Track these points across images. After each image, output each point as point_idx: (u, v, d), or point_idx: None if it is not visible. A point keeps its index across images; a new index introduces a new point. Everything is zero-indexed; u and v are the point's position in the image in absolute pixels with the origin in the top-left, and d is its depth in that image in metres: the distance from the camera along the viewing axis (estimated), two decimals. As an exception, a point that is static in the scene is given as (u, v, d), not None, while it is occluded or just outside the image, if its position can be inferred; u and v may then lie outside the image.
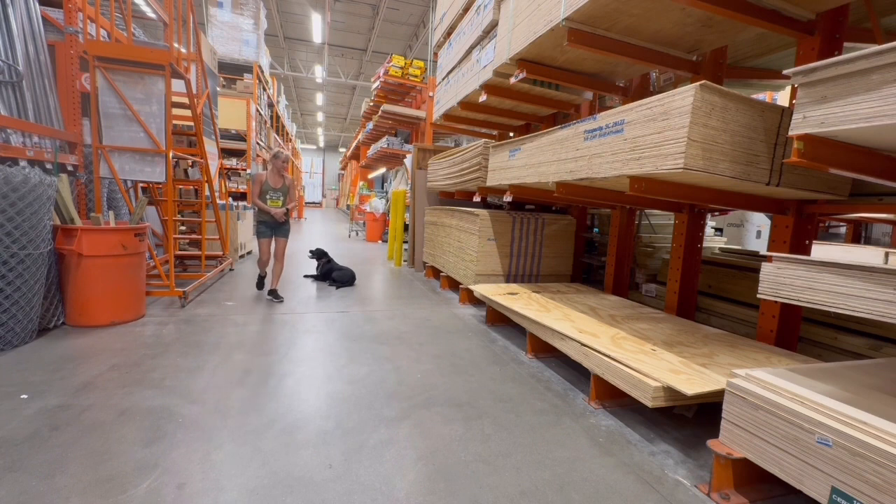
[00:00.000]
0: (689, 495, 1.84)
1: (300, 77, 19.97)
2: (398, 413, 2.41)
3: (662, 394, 2.10)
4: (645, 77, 3.98)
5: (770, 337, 2.79)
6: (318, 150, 40.51)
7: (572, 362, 3.23)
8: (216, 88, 6.87)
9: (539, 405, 2.60)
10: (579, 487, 1.86)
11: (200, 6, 12.62)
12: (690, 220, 3.46)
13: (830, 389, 1.69)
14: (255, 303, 4.62)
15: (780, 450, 1.63)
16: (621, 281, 4.50)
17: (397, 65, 10.35)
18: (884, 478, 1.32)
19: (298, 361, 3.09)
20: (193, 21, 5.16)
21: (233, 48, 10.18)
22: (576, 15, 2.72)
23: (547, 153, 3.24)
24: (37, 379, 2.58)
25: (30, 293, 3.06)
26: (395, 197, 8.12)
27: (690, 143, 2.05)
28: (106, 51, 3.89)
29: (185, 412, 2.30)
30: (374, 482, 1.82)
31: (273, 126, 14.52)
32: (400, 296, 5.37)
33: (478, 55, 4.39)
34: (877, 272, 1.50)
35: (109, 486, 1.71)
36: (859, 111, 1.53)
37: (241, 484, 1.76)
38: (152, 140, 4.11)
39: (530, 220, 4.89)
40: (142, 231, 3.80)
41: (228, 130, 10.02)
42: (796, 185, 2.34)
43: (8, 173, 2.87)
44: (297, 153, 25.77)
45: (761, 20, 2.45)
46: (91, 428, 2.10)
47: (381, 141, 12.77)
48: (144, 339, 3.35)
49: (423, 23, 15.19)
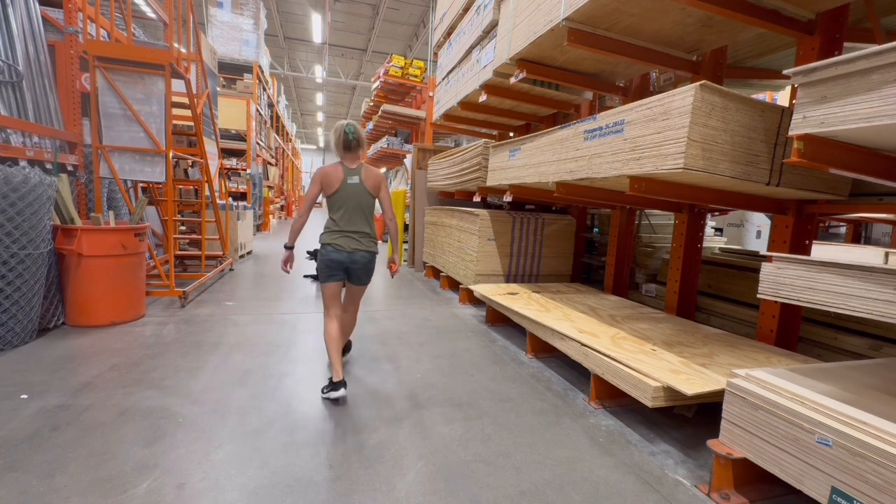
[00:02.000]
0: (689, 495, 1.84)
1: (300, 77, 19.99)
2: (398, 413, 2.41)
3: (662, 394, 2.10)
4: (645, 77, 3.98)
5: (770, 337, 2.79)
6: (318, 150, 40.52)
7: (572, 362, 3.23)
8: (216, 88, 6.87)
9: (539, 405, 2.60)
10: (579, 487, 1.86)
11: (200, 6, 12.62)
12: (690, 220, 3.46)
13: (830, 389, 1.69)
14: (255, 303, 4.62)
15: (780, 450, 1.62)
16: (621, 281, 4.50)
17: (397, 65, 10.35)
18: (884, 478, 1.32)
19: (298, 361, 3.09)
20: (193, 21, 5.16)
21: (233, 48, 10.19)
22: (576, 15, 2.72)
23: (547, 153, 3.24)
24: (37, 379, 2.58)
25: (30, 293, 3.06)
26: (395, 197, 8.13)
27: (690, 143, 2.05)
28: (106, 51, 3.89)
29: (185, 412, 2.29)
30: (374, 482, 1.82)
31: (273, 126, 14.53)
32: (400, 296, 5.37)
33: (478, 55, 4.39)
34: (877, 272, 1.50)
35: (109, 486, 1.71)
36: (859, 111, 1.53)
37: (241, 484, 1.76)
38: (152, 140, 4.11)
39: (530, 220, 4.89)
40: (142, 231, 3.80)
41: (228, 130, 10.02)
42: (796, 185, 2.34)
43: (8, 173, 2.87)
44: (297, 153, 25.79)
45: (761, 20, 2.45)
46: (91, 428, 2.10)
47: (381, 141, 12.76)
48: (144, 339, 3.35)
49: (423, 23, 15.18)
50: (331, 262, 2.62)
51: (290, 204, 20.32)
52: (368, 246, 2.68)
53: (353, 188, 2.64)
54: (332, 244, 2.62)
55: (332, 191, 2.62)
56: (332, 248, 2.61)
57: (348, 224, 2.64)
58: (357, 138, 2.65)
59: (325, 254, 2.63)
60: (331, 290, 2.67)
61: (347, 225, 2.64)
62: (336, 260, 2.61)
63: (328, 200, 2.68)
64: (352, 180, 2.64)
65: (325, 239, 2.65)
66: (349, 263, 2.64)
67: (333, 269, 2.64)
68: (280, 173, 17.50)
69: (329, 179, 2.62)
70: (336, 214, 2.65)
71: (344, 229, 2.64)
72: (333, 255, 2.61)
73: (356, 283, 2.74)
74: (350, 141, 2.64)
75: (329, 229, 2.67)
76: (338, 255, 2.61)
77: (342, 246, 2.61)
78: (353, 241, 2.64)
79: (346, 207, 2.64)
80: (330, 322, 2.66)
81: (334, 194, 2.63)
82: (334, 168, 2.65)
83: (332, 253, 2.61)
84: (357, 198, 2.65)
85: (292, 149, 22.79)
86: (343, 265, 2.63)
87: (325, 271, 2.65)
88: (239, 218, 7.05)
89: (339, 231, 2.63)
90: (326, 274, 2.65)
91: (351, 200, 2.64)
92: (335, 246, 2.61)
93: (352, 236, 2.64)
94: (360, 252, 2.64)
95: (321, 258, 2.65)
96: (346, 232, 2.64)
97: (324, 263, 2.64)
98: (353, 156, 2.69)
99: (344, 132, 2.63)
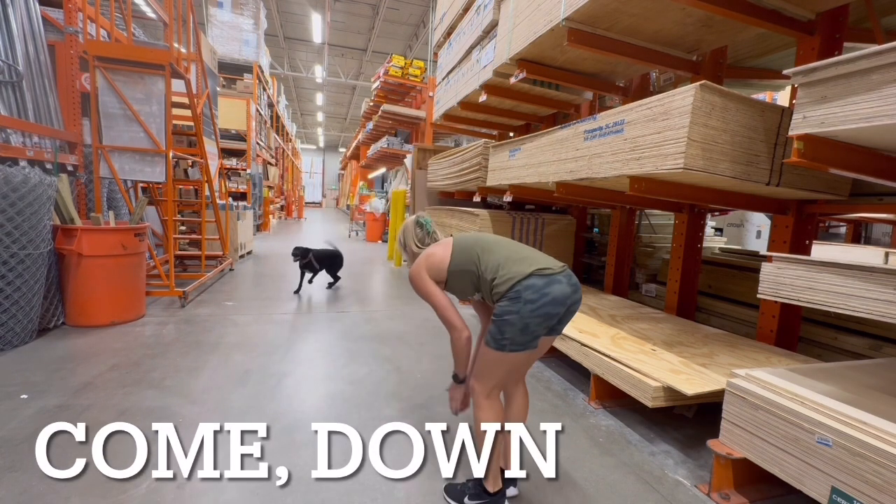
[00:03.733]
0: (690, 495, 1.84)
1: (300, 77, 19.98)
2: (398, 413, 2.41)
3: (662, 394, 2.10)
4: (645, 77, 3.98)
5: (770, 337, 2.79)
6: (318, 150, 40.51)
7: (572, 362, 3.22)
8: (216, 88, 6.87)
9: (539, 405, 2.60)
10: (579, 487, 1.86)
11: (200, 6, 12.60)
12: (690, 220, 3.46)
13: (830, 389, 1.69)
14: (255, 303, 4.62)
15: (780, 450, 1.62)
16: (621, 281, 4.49)
17: (397, 65, 10.35)
18: (884, 478, 1.32)
19: (298, 361, 3.09)
20: (193, 21, 5.16)
21: (233, 48, 10.19)
22: (576, 15, 2.72)
23: (547, 153, 3.23)
24: (37, 379, 2.58)
25: (30, 293, 3.06)
26: (395, 197, 8.13)
27: (690, 143, 2.05)
28: (106, 51, 3.89)
29: (185, 412, 2.29)
30: (374, 482, 1.82)
31: (273, 126, 14.53)
32: (400, 296, 5.37)
33: (478, 55, 4.39)
34: (877, 272, 1.50)
35: (109, 486, 1.71)
36: (859, 111, 1.53)
37: (241, 484, 1.76)
38: (152, 140, 4.10)
39: (530, 220, 4.89)
40: (142, 231, 3.80)
41: (228, 130, 10.02)
42: (796, 185, 2.34)
43: (8, 173, 2.87)
44: (297, 153, 25.79)
45: (761, 20, 2.45)
46: (90, 428, 2.09)
47: (381, 141, 12.76)
48: (144, 339, 3.34)
49: (423, 23, 15.18)
50: (550, 307, 1.59)
51: (289, 204, 20.31)
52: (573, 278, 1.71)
53: (481, 238, 1.88)
54: (540, 275, 1.61)
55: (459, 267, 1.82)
56: (544, 281, 1.60)
57: (526, 263, 1.66)
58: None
59: (537, 296, 1.57)
60: (522, 360, 1.74)
61: (527, 263, 1.65)
62: (559, 299, 1.61)
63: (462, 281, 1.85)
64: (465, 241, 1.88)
65: (517, 274, 1.61)
66: (571, 304, 1.68)
67: (547, 320, 1.61)
68: (280, 173, 17.50)
69: (441, 262, 1.85)
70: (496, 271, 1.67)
71: (533, 267, 1.62)
72: (556, 288, 1.60)
73: (558, 331, 1.74)
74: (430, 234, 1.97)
75: (509, 275, 1.63)
76: (560, 287, 1.61)
77: (557, 276, 1.64)
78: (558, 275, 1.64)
79: (503, 253, 1.73)
80: (496, 403, 1.74)
81: (461, 269, 1.81)
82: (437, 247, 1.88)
83: (550, 286, 1.60)
84: (499, 241, 1.85)
85: (292, 149, 22.77)
86: (566, 306, 1.65)
87: (531, 330, 1.59)
88: (239, 218, 7.05)
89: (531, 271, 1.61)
90: (533, 334, 1.61)
91: (499, 245, 1.81)
92: (546, 275, 1.62)
93: (550, 272, 1.63)
94: (574, 281, 1.70)
95: (527, 310, 1.56)
96: (539, 270, 1.61)
97: (534, 316, 1.57)
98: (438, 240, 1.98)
99: (419, 225, 1.98)
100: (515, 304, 1.57)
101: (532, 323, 1.57)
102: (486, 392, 1.71)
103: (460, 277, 1.80)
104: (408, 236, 1.99)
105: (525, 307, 1.55)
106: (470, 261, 1.75)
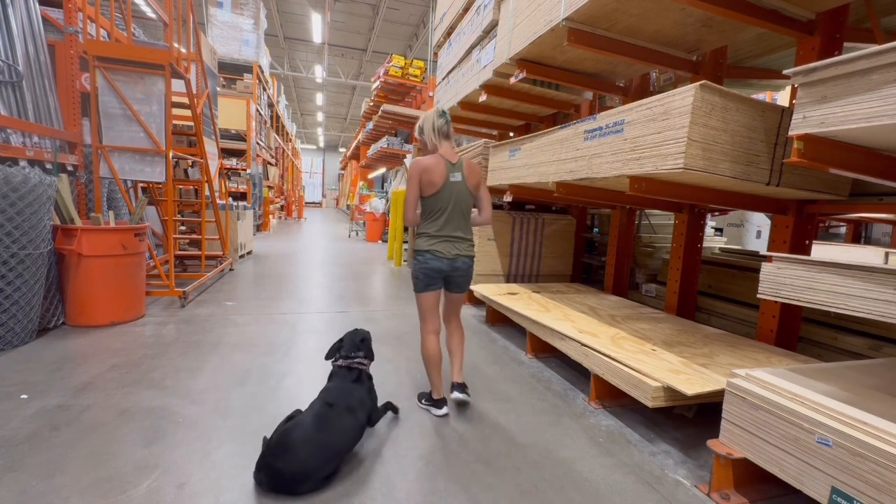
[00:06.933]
0: (690, 495, 1.84)
1: (300, 77, 19.98)
2: (398, 413, 2.41)
3: (662, 394, 2.10)
4: (645, 77, 3.98)
5: (770, 337, 2.79)
6: (318, 150, 40.52)
7: (572, 362, 3.23)
8: (216, 88, 6.87)
9: (539, 405, 2.60)
10: (579, 487, 1.86)
11: (200, 6, 12.61)
12: (690, 220, 3.46)
13: (830, 389, 1.69)
14: (255, 303, 4.62)
15: (779, 450, 1.62)
16: (621, 281, 4.50)
17: (397, 65, 10.35)
18: (884, 478, 1.32)
19: (298, 361, 3.09)
20: (193, 21, 5.16)
21: (233, 48, 10.18)
22: (576, 15, 2.72)
23: (547, 153, 3.24)
24: (37, 379, 2.58)
25: (30, 293, 3.06)
26: (395, 197, 8.13)
27: (690, 143, 2.05)
28: (106, 51, 3.89)
29: (185, 412, 2.29)
30: (374, 482, 1.82)
31: (273, 126, 14.53)
32: (400, 296, 5.37)
33: (478, 55, 4.39)
34: (877, 272, 1.50)
35: (109, 486, 1.71)
36: (859, 111, 1.53)
37: (241, 484, 1.76)
38: (152, 140, 4.11)
39: (530, 219, 4.89)
40: (142, 231, 3.80)
41: (228, 130, 10.02)
42: (796, 185, 2.34)
43: (8, 173, 2.87)
44: (297, 153, 25.79)
45: (761, 20, 2.45)
46: (91, 428, 2.10)
47: (381, 141, 12.76)
48: (144, 339, 3.35)
49: (423, 23, 15.18)
50: (430, 271, 2.33)
51: (289, 204, 20.30)
52: (468, 251, 2.41)
53: (456, 187, 2.32)
54: (430, 251, 2.33)
55: (434, 190, 2.29)
56: (432, 255, 2.32)
57: (449, 228, 2.34)
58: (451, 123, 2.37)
59: (424, 261, 2.33)
60: (430, 301, 2.40)
61: (448, 229, 2.34)
62: (436, 268, 2.33)
63: (425, 200, 2.34)
64: (454, 178, 2.31)
65: (422, 245, 2.35)
66: (450, 271, 2.36)
67: (433, 278, 2.35)
68: (280, 173, 17.50)
69: (431, 177, 2.27)
70: (435, 216, 2.34)
71: (444, 234, 2.34)
72: (433, 262, 2.32)
73: (456, 290, 2.48)
74: (449, 127, 2.31)
75: (426, 234, 2.36)
76: (438, 262, 2.32)
77: (442, 252, 2.32)
78: (454, 246, 2.35)
79: (447, 209, 2.32)
80: (428, 337, 2.42)
81: (435, 194, 2.30)
82: (436, 162, 2.29)
83: (432, 260, 2.32)
84: (459, 198, 2.34)
85: (292, 149, 22.77)
86: (444, 273, 2.35)
87: (423, 280, 2.36)
88: (239, 218, 7.05)
89: (438, 236, 2.34)
90: (425, 283, 2.36)
91: (453, 201, 2.33)
92: (434, 253, 2.32)
93: (452, 241, 2.36)
94: (461, 258, 2.37)
95: (418, 266, 2.36)
96: (447, 237, 2.34)
97: (422, 272, 2.35)
98: (451, 145, 2.36)
99: (442, 115, 2.32)
100: (414, 264, 2.41)
101: (421, 276, 2.36)
102: (424, 328, 2.45)
103: (426, 207, 2.40)
104: (427, 122, 2.38)
105: (418, 268, 2.37)
106: (434, 209, 2.37)
